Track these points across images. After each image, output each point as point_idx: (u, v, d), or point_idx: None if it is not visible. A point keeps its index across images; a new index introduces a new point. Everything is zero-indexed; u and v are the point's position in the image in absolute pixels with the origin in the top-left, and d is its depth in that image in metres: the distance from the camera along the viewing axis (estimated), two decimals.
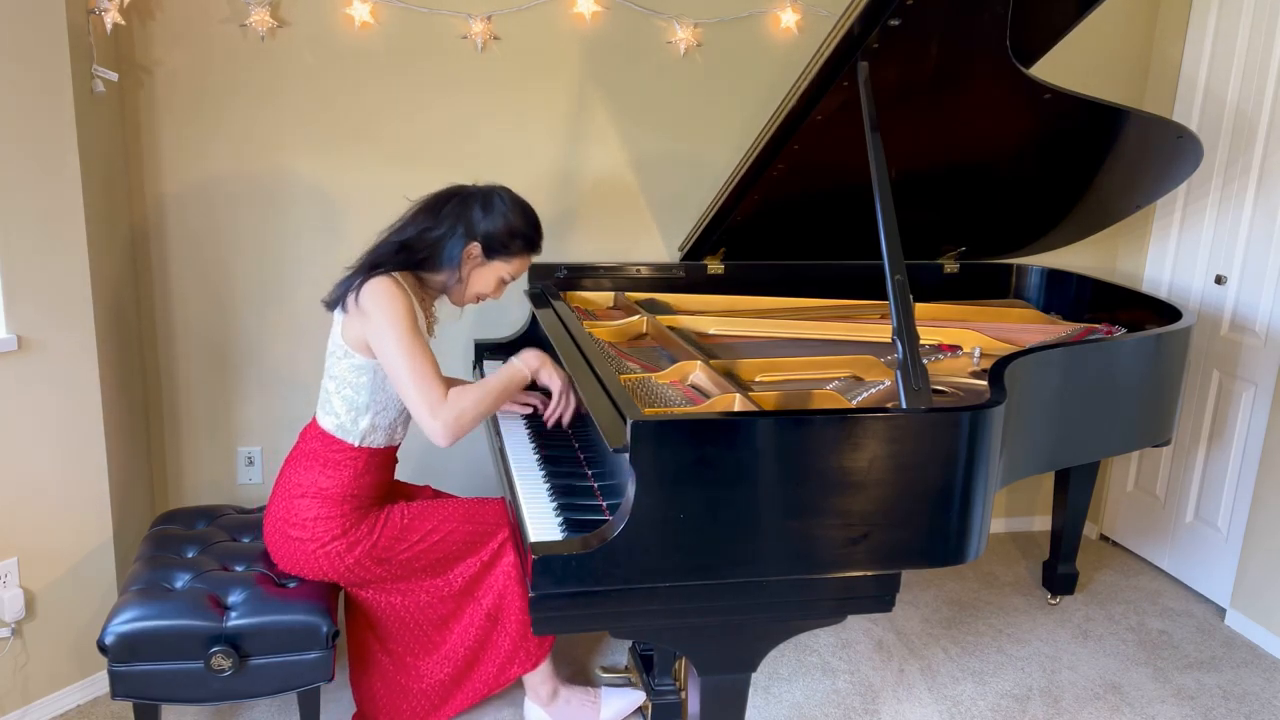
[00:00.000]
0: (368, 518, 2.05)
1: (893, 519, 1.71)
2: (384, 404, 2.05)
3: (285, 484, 2.08)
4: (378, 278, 1.95)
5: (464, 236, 2.05)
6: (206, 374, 2.84)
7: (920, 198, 2.73)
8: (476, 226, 2.05)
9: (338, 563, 2.03)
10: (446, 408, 1.91)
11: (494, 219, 2.06)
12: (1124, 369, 2.38)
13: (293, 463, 2.09)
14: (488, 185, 2.12)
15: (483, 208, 2.06)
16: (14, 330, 2.16)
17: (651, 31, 2.89)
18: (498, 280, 2.13)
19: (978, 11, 2.02)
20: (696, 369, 2.15)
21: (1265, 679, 2.71)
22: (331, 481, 2.03)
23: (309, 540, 2.02)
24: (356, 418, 2.03)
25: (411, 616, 2.15)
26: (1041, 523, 3.62)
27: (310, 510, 2.02)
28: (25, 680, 2.31)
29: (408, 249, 2.03)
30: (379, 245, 2.04)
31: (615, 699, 2.35)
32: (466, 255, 2.06)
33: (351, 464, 2.04)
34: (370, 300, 1.93)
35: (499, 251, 2.09)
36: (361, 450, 2.05)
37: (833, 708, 2.51)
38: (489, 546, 2.13)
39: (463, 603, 2.16)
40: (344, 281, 2.02)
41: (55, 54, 2.15)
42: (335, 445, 2.04)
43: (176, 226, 2.72)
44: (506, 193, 2.12)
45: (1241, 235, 2.96)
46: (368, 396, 2.02)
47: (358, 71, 2.74)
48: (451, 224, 2.04)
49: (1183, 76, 3.13)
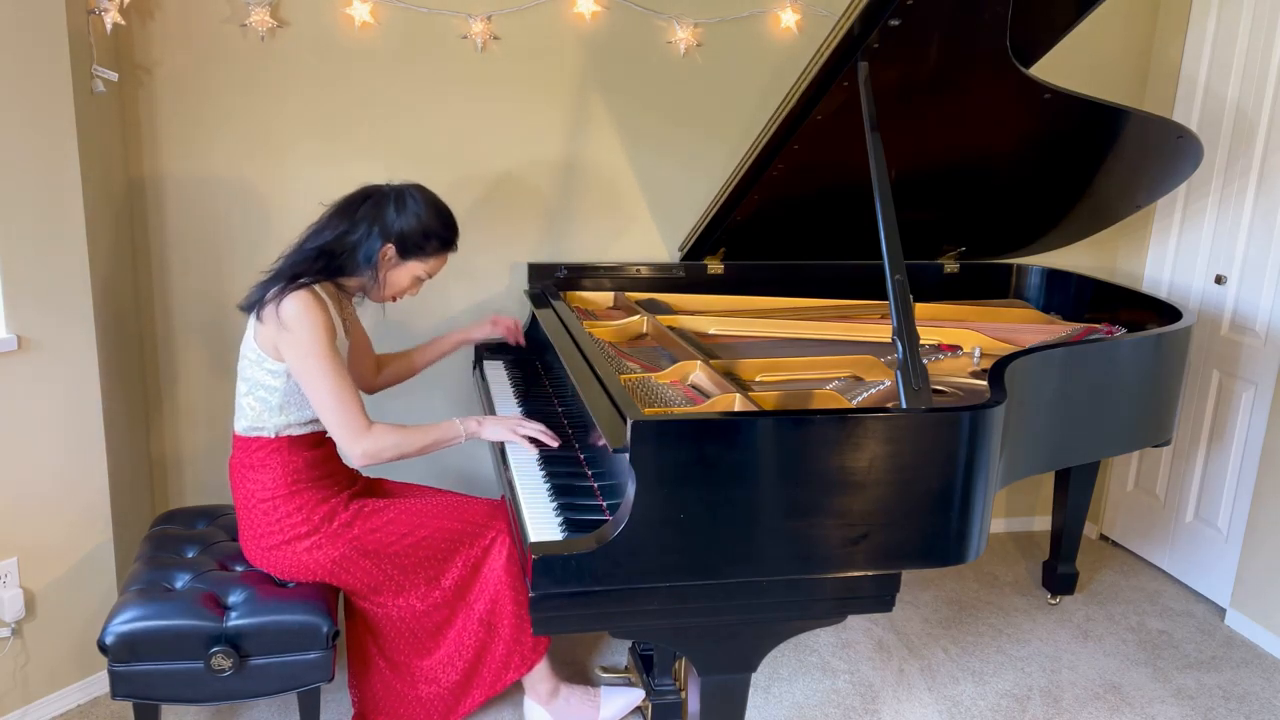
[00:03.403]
0: (330, 504, 2.05)
1: (893, 519, 1.71)
2: (298, 404, 2.03)
3: (237, 504, 2.09)
4: (298, 292, 1.94)
5: (379, 238, 2.03)
6: (206, 374, 2.84)
7: (920, 198, 2.74)
8: (391, 227, 2.04)
9: (323, 558, 2.02)
10: (368, 439, 1.96)
11: (407, 219, 2.04)
12: (1124, 369, 2.38)
13: (233, 484, 2.09)
14: (401, 184, 2.10)
15: (396, 208, 2.04)
16: (14, 330, 2.16)
17: (651, 31, 2.89)
18: (413, 279, 2.13)
19: (978, 11, 2.02)
20: (696, 369, 2.15)
21: (1265, 679, 2.71)
22: (269, 478, 2.03)
23: (283, 544, 2.02)
24: (269, 416, 2.03)
25: (407, 625, 2.15)
26: (1041, 523, 3.62)
27: (268, 515, 2.03)
28: (25, 680, 2.31)
29: (327, 255, 2.02)
30: (298, 253, 2.03)
31: (615, 698, 2.35)
32: (382, 257, 2.05)
33: (276, 454, 2.03)
34: (291, 316, 1.93)
35: (414, 252, 2.08)
36: (280, 439, 2.04)
37: (833, 708, 2.51)
38: (478, 544, 2.12)
39: (456, 608, 2.15)
40: (262, 286, 2.01)
41: (55, 54, 2.15)
42: (254, 445, 2.04)
43: (177, 226, 2.72)
44: (419, 191, 2.10)
45: (1241, 235, 2.96)
46: (280, 399, 2.02)
47: (358, 71, 2.74)
48: (367, 226, 2.03)
49: (1183, 76, 3.13)
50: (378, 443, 1.97)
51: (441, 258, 2.15)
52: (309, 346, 1.93)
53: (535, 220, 2.95)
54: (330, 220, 2.06)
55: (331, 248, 2.02)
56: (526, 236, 2.95)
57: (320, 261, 2.01)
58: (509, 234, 2.93)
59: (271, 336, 1.97)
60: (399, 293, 2.14)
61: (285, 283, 1.97)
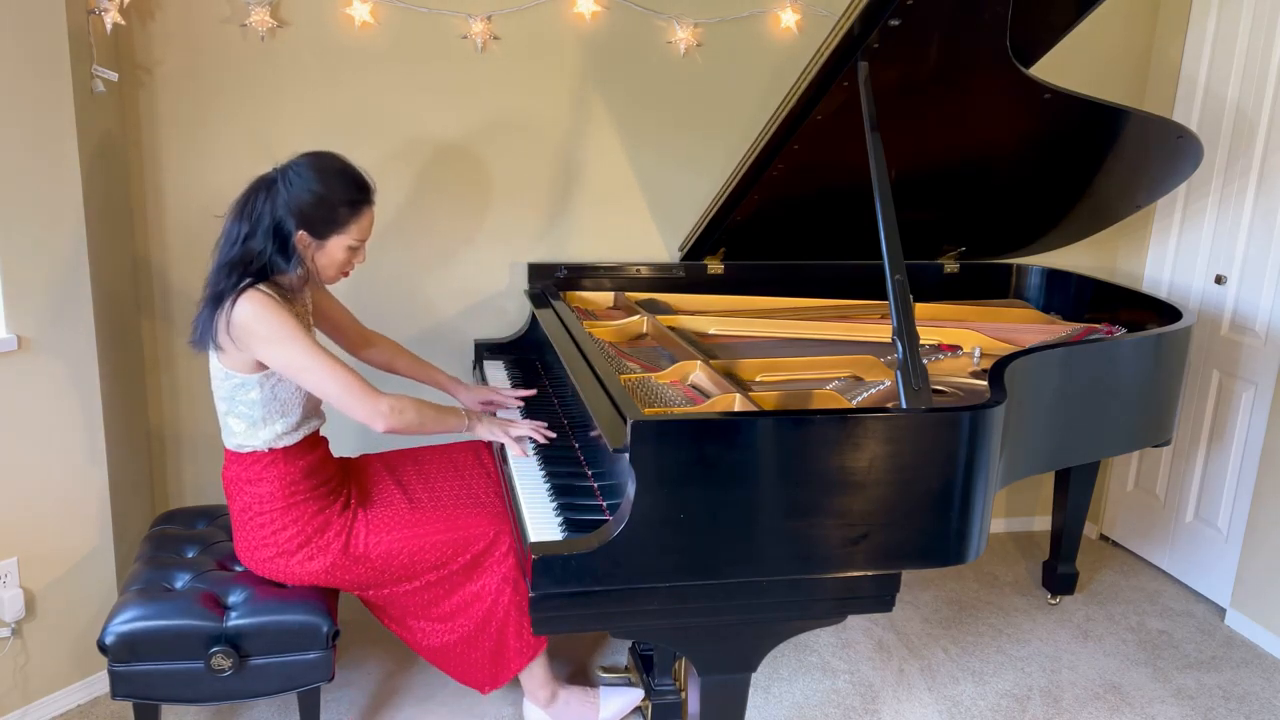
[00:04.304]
0: (325, 514, 2.03)
1: (893, 519, 1.71)
2: (280, 410, 1.98)
3: (233, 515, 2.06)
4: (242, 300, 1.84)
5: (287, 229, 1.89)
6: (207, 374, 2.83)
7: (920, 197, 2.74)
8: (290, 214, 1.88)
9: (316, 568, 2.01)
10: (383, 401, 1.92)
11: (301, 197, 1.88)
12: (1124, 369, 2.38)
13: (228, 496, 2.06)
14: (285, 164, 1.94)
15: (287, 191, 1.89)
16: (14, 330, 2.16)
17: (651, 31, 2.89)
18: (346, 251, 1.98)
19: (978, 11, 2.02)
20: (696, 369, 2.15)
21: (1265, 679, 2.71)
22: (266, 491, 1.99)
23: (277, 556, 2.01)
24: (256, 431, 1.98)
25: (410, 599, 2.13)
26: (1041, 523, 3.62)
27: (264, 528, 2.01)
28: (25, 680, 2.31)
29: (240, 267, 1.88)
30: (214, 275, 1.90)
31: (615, 698, 2.34)
32: (300, 245, 1.92)
33: (272, 466, 1.99)
34: (248, 318, 1.84)
35: (327, 228, 1.93)
36: (276, 451, 2.00)
37: (833, 708, 2.51)
38: (477, 547, 2.09)
39: (456, 587, 2.12)
40: (200, 319, 1.91)
41: (55, 54, 2.15)
42: (248, 459, 2.00)
43: (176, 226, 2.72)
44: (305, 161, 1.93)
45: (1241, 235, 2.96)
46: (261, 410, 1.96)
47: (357, 71, 2.74)
48: (267, 224, 1.88)
49: (1183, 76, 3.13)
50: (395, 405, 1.93)
51: (362, 219, 1.98)
52: (280, 335, 1.85)
53: (535, 220, 2.95)
54: (229, 229, 1.91)
55: (239, 259, 1.88)
56: (526, 236, 2.95)
57: (235, 277, 1.87)
58: (509, 234, 2.93)
59: (237, 354, 1.90)
60: (341, 269, 2.01)
61: (215, 305, 1.87)
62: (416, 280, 2.89)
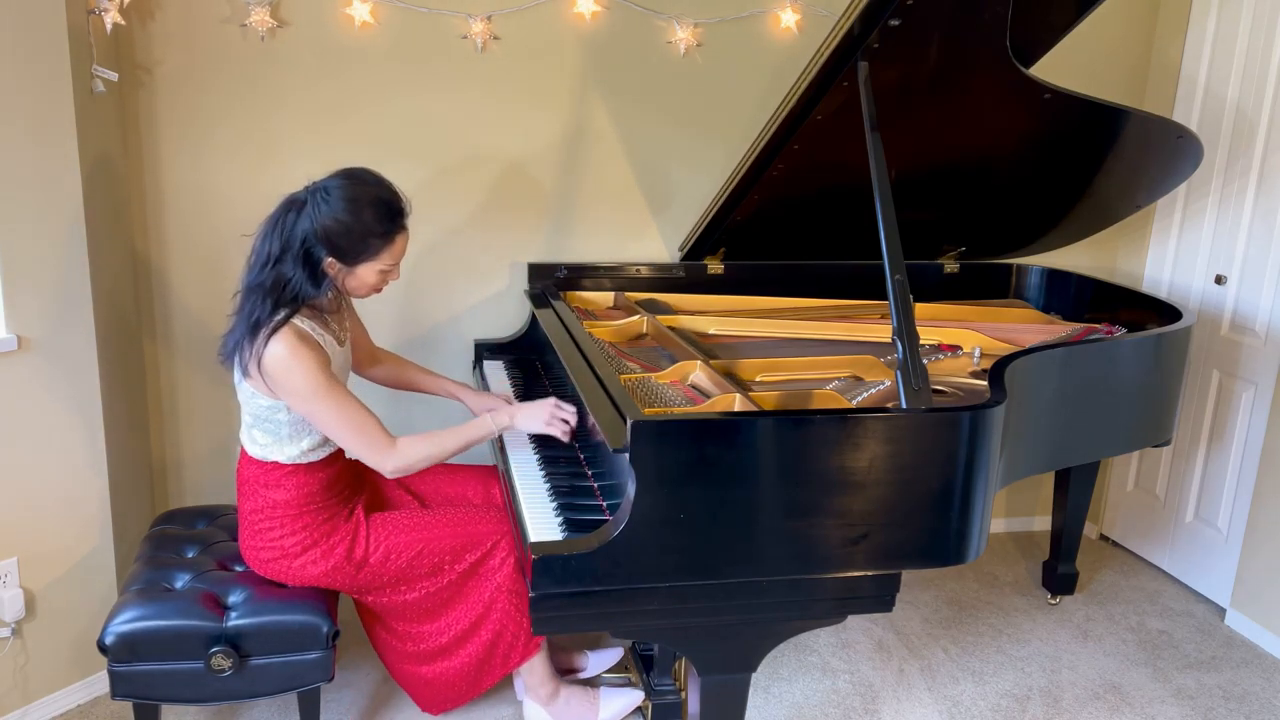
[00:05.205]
0: (333, 521, 2.04)
1: (893, 519, 1.71)
2: (308, 429, 1.98)
3: (241, 512, 2.06)
4: (275, 336, 1.83)
5: (317, 256, 1.87)
6: (206, 374, 2.84)
7: (920, 197, 2.74)
8: (319, 240, 1.86)
9: (317, 571, 2.02)
10: (397, 456, 1.94)
11: (330, 226, 1.85)
12: (1124, 369, 2.38)
13: (240, 494, 2.07)
14: (317, 183, 1.90)
15: (315, 215, 1.85)
16: (14, 330, 2.16)
17: (651, 31, 2.89)
18: (378, 275, 1.97)
19: (978, 11, 2.02)
20: (696, 369, 2.15)
21: (1265, 679, 2.71)
22: (283, 498, 2.00)
23: (280, 558, 2.02)
24: (282, 446, 1.99)
25: (407, 607, 2.14)
26: (1041, 523, 3.62)
27: (271, 530, 2.01)
28: (25, 680, 2.31)
29: (274, 293, 1.86)
30: (245, 298, 1.89)
31: (615, 698, 2.35)
32: (330, 270, 1.91)
33: (293, 476, 2.00)
34: (277, 369, 1.84)
35: (358, 257, 1.91)
36: (298, 465, 2.00)
37: (833, 708, 2.51)
38: (479, 550, 2.10)
39: (455, 595, 2.14)
40: (232, 335, 1.90)
41: (55, 54, 2.15)
42: (269, 468, 2.00)
43: (176, 226, 2.72)
44: (337, 186, 1.88)
45: (1241, 235, 2.96)
46: (289, 430, 1.97)
47: (358, 71, 2.73)
48: (296, 249, 1.85)
49: (1183, 76, 3.13)
50: (407, 458, 1.95)
51: (395, 246, 1.95)
52: (306, 391, 1.86)
53: (535, 220, 2.95)
54: (260, 249, 1.89)
55: (273, 286, 1.86)
56: (526, 236, 2.95)
57: (269, 302, 1.86)
58: (509, 234, 2.93)
59: (262, 386, 1.90)
60: (373, 290, 2.01)
61: (250, 334, 1.86)
62: (416, 280, 2.89)
